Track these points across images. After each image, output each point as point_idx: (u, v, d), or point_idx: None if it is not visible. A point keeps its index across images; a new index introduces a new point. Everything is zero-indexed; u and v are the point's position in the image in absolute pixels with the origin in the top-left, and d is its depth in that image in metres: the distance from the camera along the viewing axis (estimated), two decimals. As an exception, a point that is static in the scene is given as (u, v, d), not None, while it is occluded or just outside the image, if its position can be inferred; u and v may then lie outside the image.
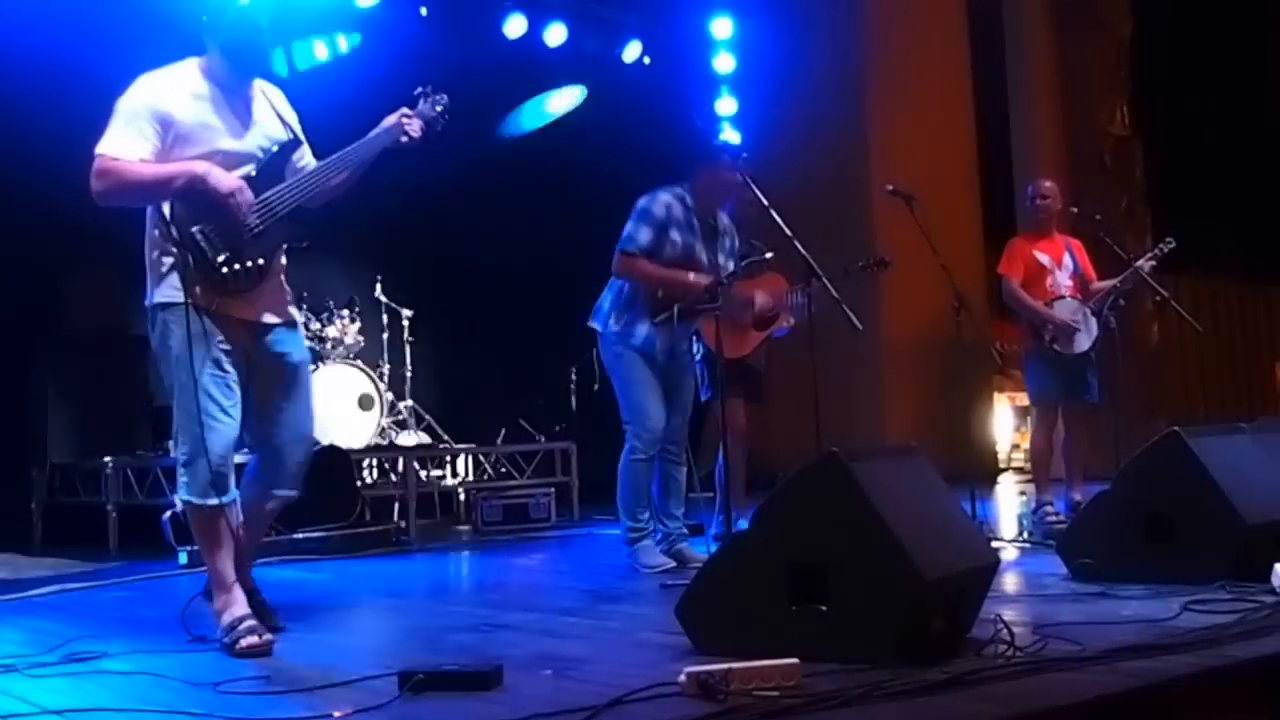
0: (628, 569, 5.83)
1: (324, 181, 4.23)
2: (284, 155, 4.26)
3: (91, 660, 3.87)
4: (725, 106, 11.90)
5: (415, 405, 9.22)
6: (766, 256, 6.04)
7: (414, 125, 4.29)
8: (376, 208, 4.57)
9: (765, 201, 5.62)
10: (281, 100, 4.40)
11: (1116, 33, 11.94)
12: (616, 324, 5.77)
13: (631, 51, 11.09)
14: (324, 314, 8.82)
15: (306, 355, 4.38)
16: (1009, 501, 9.21)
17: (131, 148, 3.97)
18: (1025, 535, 6.64)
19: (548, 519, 8.42)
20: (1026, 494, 8.13)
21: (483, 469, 9.09)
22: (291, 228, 4.20)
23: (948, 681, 3.02)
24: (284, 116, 4.34)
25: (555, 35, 10.56)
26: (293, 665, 3.76)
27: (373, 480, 8.78)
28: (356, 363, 8.77)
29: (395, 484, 8.54)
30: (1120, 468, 5.08)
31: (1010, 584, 4.93)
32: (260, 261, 4.08)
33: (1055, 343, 7.18)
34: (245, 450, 4.40)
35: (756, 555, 3.57)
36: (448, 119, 4.43)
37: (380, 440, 8.75)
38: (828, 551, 3.40)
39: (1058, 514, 7.08)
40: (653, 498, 5.92)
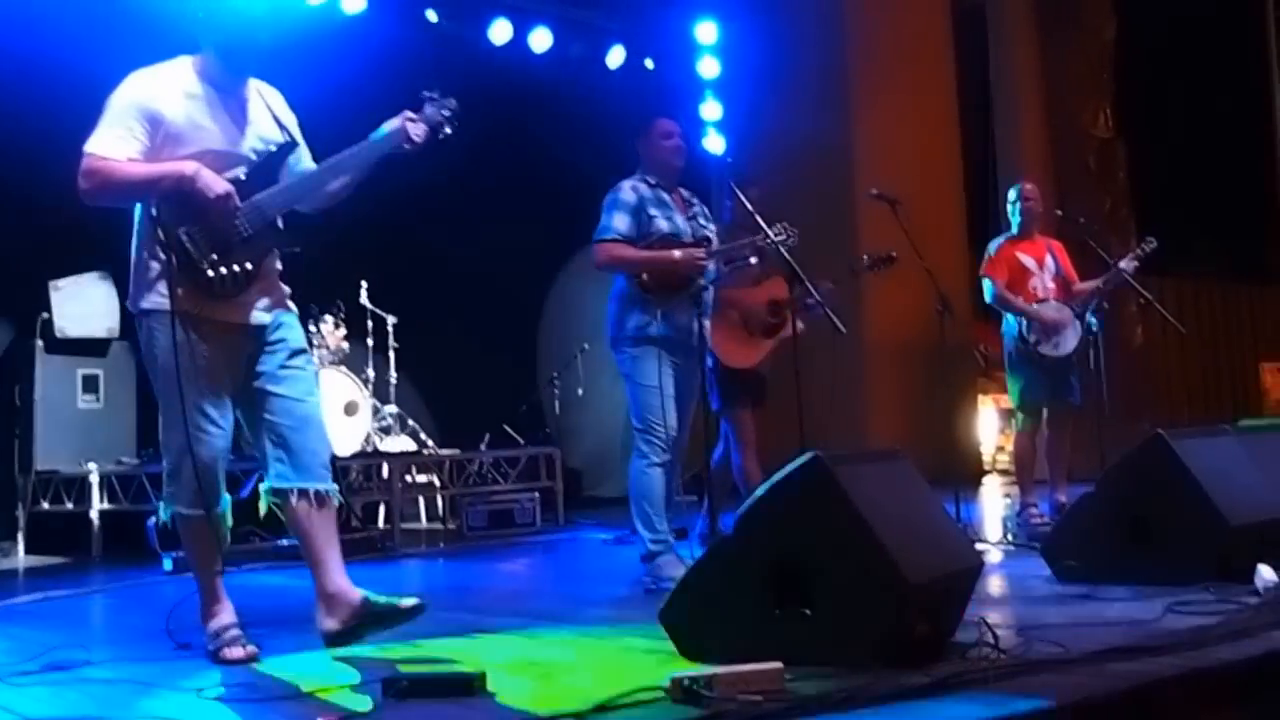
0: (612, 573, 5.81)
1: (318, 186, 4.15)
2: (278, 158, 4.14)
3: (74, 668, 3.85)
4: (710, 111, 11.91)
5: (400, 411, 9.20)
6: (751, 260, 5.98)
7: (418, 129, 4.13)
8: (360, 213, 4.54)
9: (749, 206, 5.62)
10: (279, 102, 4.29)
11: (1099, 35, 11.98)
12: (629, 324, 5.56)
13: (616, 57, 11.10)
14: (308, 320, 8.79)
15: (299, 344, 4.18)
16: (994, 504, 9.22)
17: (119, 147, 3.88)
18: (1010, 537, 6.64)
19: (532, 524, 8.40)
20: (1011, 496, 8.14)
21: (467, 474, 9.08)
22: (282, 233, 4.11)
23: (932, 685, 3.02)
24: (280, 118, 4.22)
25: (541, 40, 10.58)
26: (276, 672, 3.75)
27: (358, 486, 8.75)
28: (341, 369, 8.75)
29: (380, 490, 8.52)
30: (1104, 470, 5.09)
31: (995, 586, 4.93)
32: (249, 266, 3.98)
33: (1040, 345, 7.19)
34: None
35: (740, 559, 3.56)
36: (457, 124, 4.27)
37: (365, 446, 8.73)
38: (811, 555, 3.40)
39: (1042, 516, 7.08)
40: None
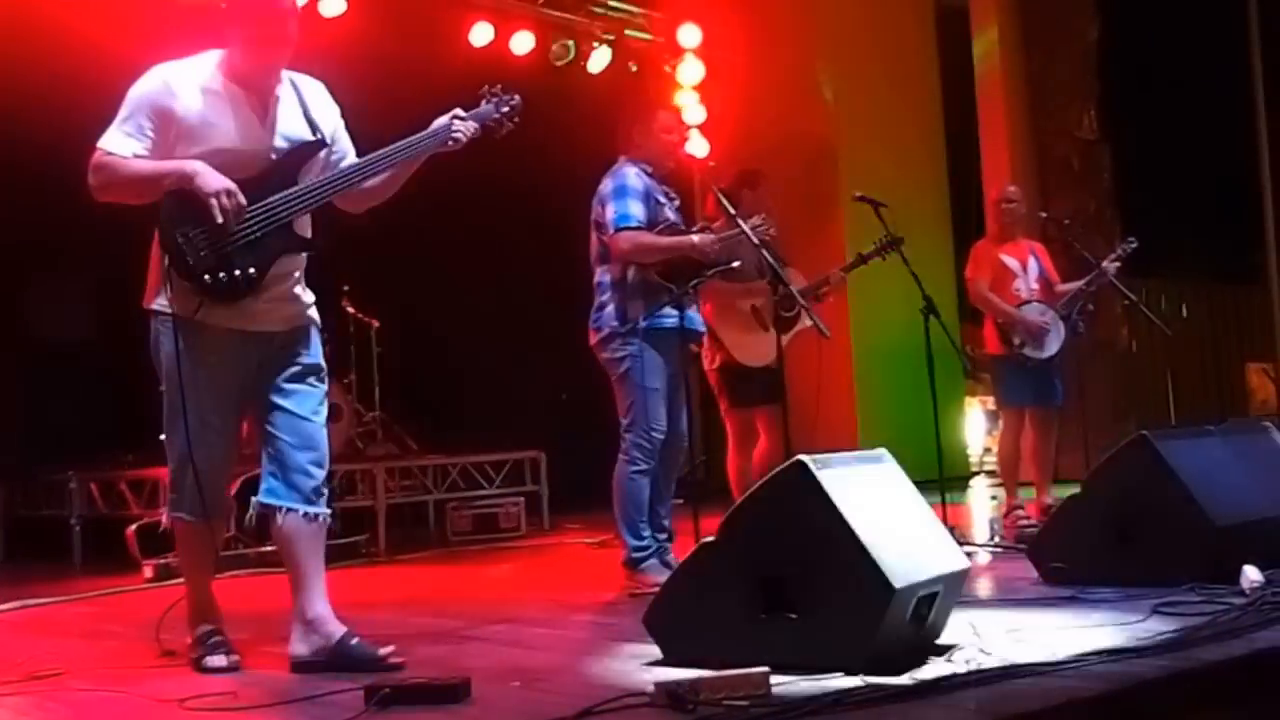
0: (597, 578, 5.78)
1: (341, 187, 3.94)
2: (299, 158, 3.93)
3: (53, 678, 3.82)
4: (693, 115, 11.88)
5: (383, 416, 9.16)
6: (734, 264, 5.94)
7: (466, 128, 4.01)
8: (342, 217, 4.49)
9: (732, 210, 5.60)
10: (319, 97, 4.08)
11: (1083, 37, 11.98)
12: (639, 316, 5.36)
13: (598, 60, 11.07)
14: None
15: (315, 361, 4.02)
16: (981, 505, 9.23)
17: (125, 143, 3.77)
18: (996, 539, 6.64)
19: (517, 528, 8.37)
20: (998, 498, 8.14)
21: (451, 479, 9.04)
22: (296, 237, 3.90)
23: (917, 688, 3.02)
24: (313, 116, 3.99)
25: (522, 43, 10.55)
26: (259, 680, 3.72)
27: (341, 492, 8.71)
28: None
29: (364, 495, 8.48)
30: (1090, 471, 5.09)
31: (981, 589, 4.93)
32: (252, 271, 3.77)
33: (1024, 347, 7.19)
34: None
35: (725, 564, 3.55)
36: (515, 122, 4.17)
37: (348, 452, 8.69)
38: (796, 559, 3.39)
39: (1028, 518, 7.08)
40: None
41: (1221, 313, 14.31)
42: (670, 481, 5.65)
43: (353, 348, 9.19)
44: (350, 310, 9.20)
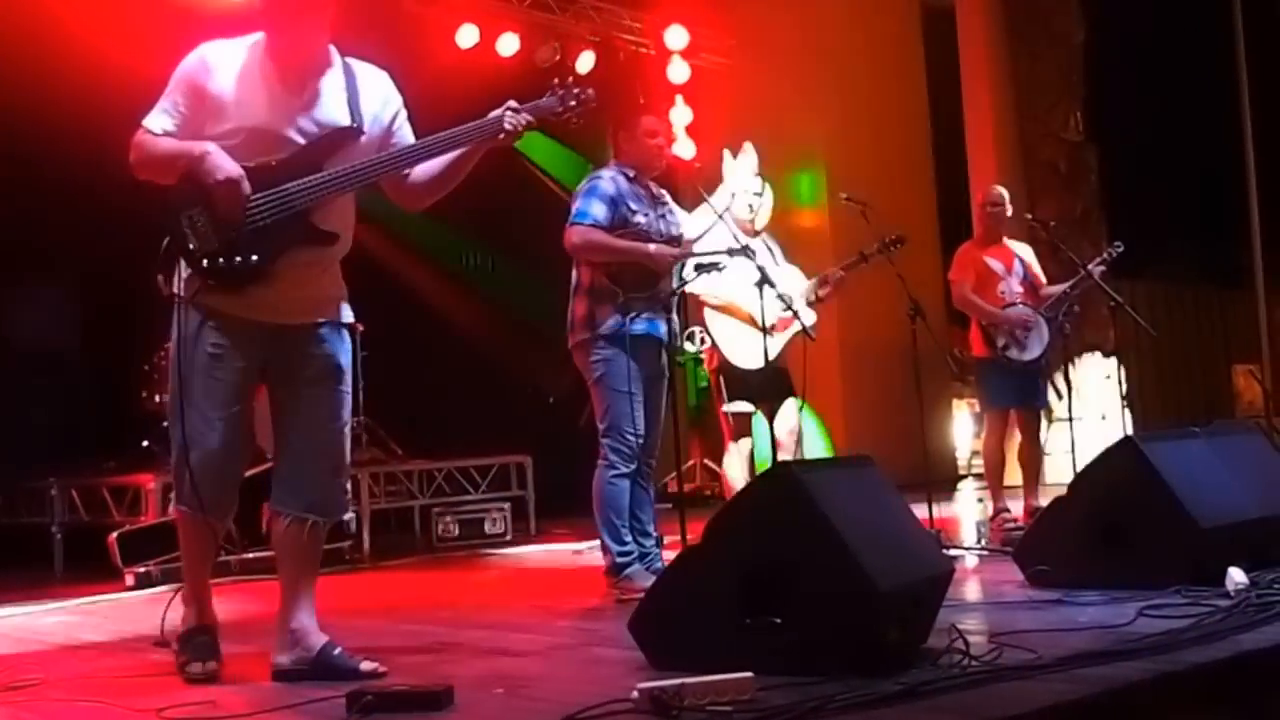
0: (582, 584, 5.76)
1: (360, 179, 3.76)
2: (329, 144, 3.75)
3: (31, 687, 3.79)
4: (680, 116, 11.88)
5: (368, 420, 9.12)
6: (720, 266, 5.90)
7: (517, 120, 3.83)
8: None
9: (719, 212, 5.59)
10: (373, 85, 3.92)
11: (1070, 39, 12.01)
12: (601, 322, 5.36)
13: (585, 62, 11.06)
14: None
15: (334, 361, 3.84)
16: (968, 508, 9.22)
17: (158, 120, 3.71)
18: (982, 542, 6.63)
19: (504, 534, 8.34)
20: (984, 501, 8.13)
21: (437, 484, 9.01)
22: (307, 227, 3.71)
23: (903, 693, 3.00)
24: (359, 103, 3.82)
25: (508, 45, 10.54)
26: (240, 687, 3.69)
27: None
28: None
29: (349, 500, 8.44)
30: (1076, 474, 5.08)
31: (968, 592, 4.92)
32: (255, 258, 3.63)
33: (1008, 349, 7.18)
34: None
35: (709, 569, 3.53)
36: (579, 119, 4.02)
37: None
38: (781, 564, 3.37)
39: (1015, 521, 7.07)
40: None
41: (1208, 315, 14.36)
42: (646, 487, 5.59)
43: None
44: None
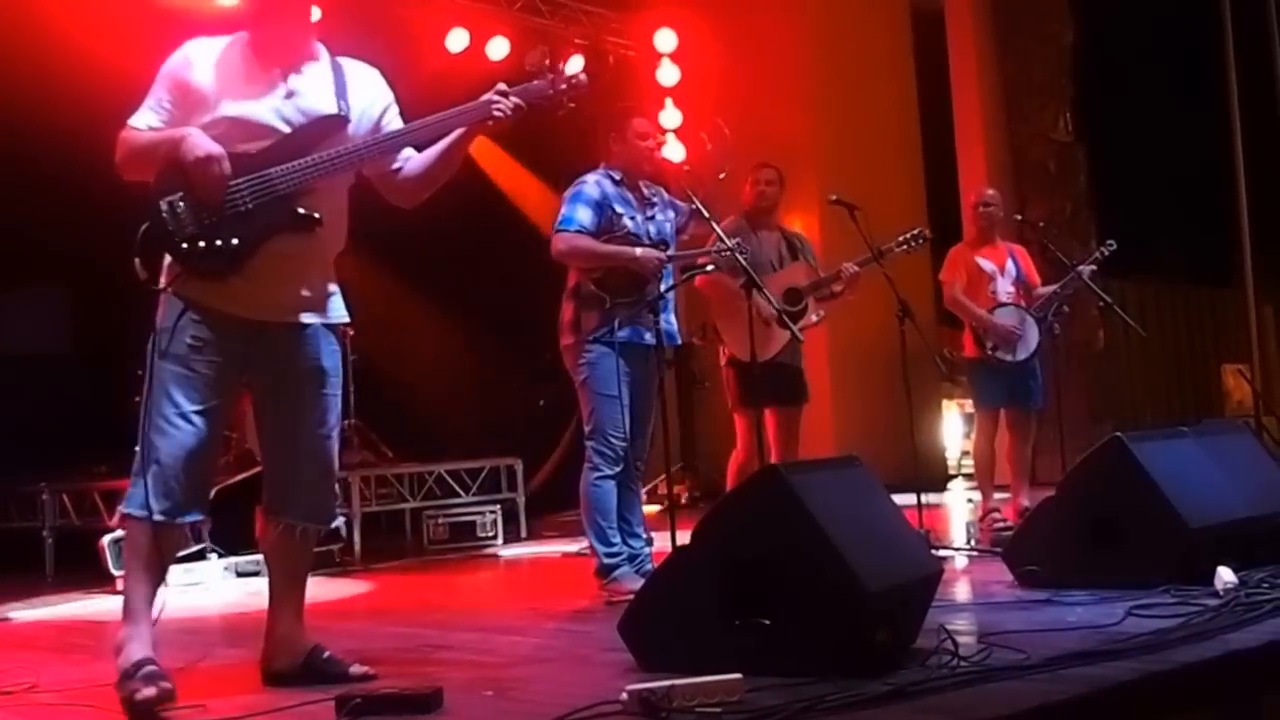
0: (573, 586, 5.76)
1: (343, 161, 3.68)
2: (314, 132, 3.69)
3: (24, 691, 3.78)
4: (669, 119, 11.88)
5: (359, 423, 9.11)
6: (707, 268, 5.89)
7: (504, 104, 3.76)
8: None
9: (707, 214, 5.59)
10: (361, 80, 3.90)
11: (1059, 40, 12.02)
12: (588, 326, 5.36)
13: (574, 65, 11.06)
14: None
15: (319, 364, 3.75)
16: (958, 508, 9.23)
17: (143, 117, 3.67)
18: (972, 542, 6.63)
19: (494, 536, 8.34)
20: (974, 501, 8.14)
21: (428, 487, 9.00)
22: (289, 212, 3.61)
23: (892, 694, 3.00)
24: (347, 96, 3.78)
25: (498, 49, 10.54)
26: (229, 691, 3.68)
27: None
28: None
29: (339, 504, 8.43)
30: (1065, 474, 5.09)
31: (957, 592, 4.92)
32: (234, 242, 3.53)
33: (997, 350, 7.19)
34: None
35: (698, 570, 3.53)
36: (572, 103, 3.89)
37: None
38: (769, 565, 3.37)
39: (1004, 520, 7.08)
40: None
41: (1197, 315, 14.39)
42: (634, 489, 5.59)
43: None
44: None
